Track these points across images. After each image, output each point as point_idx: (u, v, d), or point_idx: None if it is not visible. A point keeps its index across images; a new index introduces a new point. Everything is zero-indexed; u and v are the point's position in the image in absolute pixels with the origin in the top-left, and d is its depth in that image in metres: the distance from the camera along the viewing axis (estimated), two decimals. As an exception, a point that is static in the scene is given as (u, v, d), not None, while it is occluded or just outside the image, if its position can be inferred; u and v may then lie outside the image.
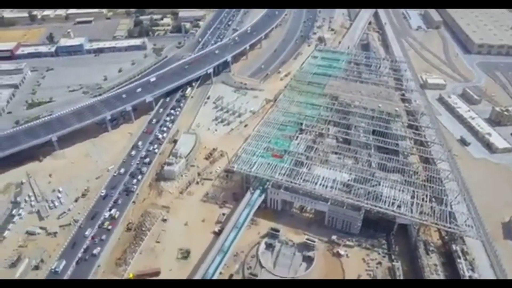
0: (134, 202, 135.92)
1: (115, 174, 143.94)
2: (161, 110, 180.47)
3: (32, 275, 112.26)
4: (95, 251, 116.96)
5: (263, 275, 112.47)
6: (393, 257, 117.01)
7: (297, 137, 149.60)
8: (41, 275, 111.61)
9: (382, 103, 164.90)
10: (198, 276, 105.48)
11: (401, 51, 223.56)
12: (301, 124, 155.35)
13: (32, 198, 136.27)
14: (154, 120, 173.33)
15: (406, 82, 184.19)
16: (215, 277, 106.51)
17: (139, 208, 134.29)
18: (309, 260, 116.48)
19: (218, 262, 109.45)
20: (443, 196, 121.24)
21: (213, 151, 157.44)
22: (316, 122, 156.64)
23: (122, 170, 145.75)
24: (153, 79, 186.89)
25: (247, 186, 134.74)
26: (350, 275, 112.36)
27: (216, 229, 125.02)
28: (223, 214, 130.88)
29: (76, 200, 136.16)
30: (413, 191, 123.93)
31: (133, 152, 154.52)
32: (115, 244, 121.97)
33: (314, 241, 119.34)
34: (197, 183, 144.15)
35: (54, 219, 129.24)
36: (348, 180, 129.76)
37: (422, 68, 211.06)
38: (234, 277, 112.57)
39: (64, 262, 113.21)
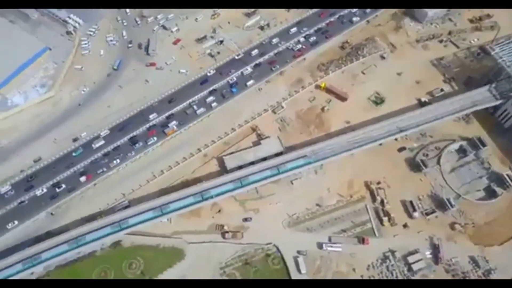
0: (368, 21, 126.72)
1: None
2: None
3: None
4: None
5: (431, 170, 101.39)
6: None
7: None
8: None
9: None
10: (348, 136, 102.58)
11: None
12: None
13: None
14: None
15: None
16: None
17: (369, 31, 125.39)
18: (490, 192, 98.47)
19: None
20: None
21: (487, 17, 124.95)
22: None
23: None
24: None
25: (489, 80, 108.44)
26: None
27: (423, 99, 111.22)
28: (441, 90, 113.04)
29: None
30: None
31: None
32: (323, 51, 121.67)
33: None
34: (441, 41, 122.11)
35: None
36: None
37: None
38: (404, 151, 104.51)
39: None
